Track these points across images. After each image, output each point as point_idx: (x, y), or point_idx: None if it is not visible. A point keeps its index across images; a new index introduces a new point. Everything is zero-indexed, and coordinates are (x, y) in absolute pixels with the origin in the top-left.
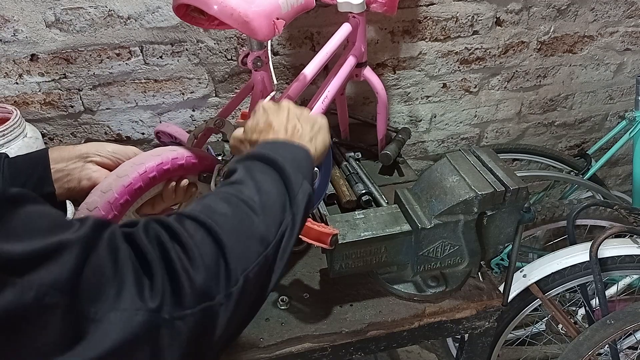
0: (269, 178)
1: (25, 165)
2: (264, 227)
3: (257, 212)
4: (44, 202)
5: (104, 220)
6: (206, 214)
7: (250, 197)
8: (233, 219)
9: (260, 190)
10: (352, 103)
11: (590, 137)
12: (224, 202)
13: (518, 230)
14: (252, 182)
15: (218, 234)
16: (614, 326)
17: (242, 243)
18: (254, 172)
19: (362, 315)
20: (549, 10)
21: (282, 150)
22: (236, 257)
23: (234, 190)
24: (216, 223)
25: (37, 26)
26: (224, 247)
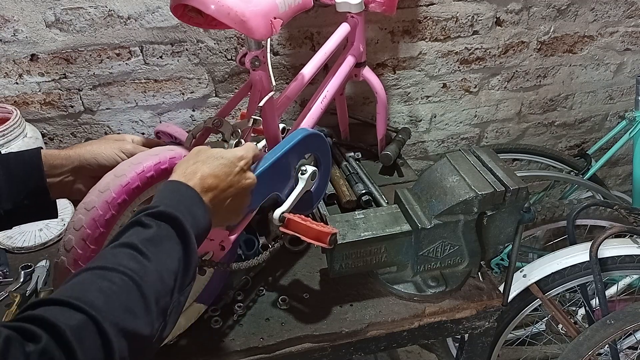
0: (173, 260)
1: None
2: (152, 325)
3: (151, 308)
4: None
5: (12, 336)
6: (107, 320)
7: (149, 289)
8: (129, 320)
9: (160, 277)
10: (351, 103)
11: (590, 137)
12: (125, 293)
13: (518, 230)
14: (157, 264)
15: (113, 347)
16: (614, 326)
17: (130, 348)
18: (163, 247)
19: (362, 315)
20: (549, 10)
21: (197, 221)
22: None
23: (136, 270)
24: (113, 334)
25: (37, 26)
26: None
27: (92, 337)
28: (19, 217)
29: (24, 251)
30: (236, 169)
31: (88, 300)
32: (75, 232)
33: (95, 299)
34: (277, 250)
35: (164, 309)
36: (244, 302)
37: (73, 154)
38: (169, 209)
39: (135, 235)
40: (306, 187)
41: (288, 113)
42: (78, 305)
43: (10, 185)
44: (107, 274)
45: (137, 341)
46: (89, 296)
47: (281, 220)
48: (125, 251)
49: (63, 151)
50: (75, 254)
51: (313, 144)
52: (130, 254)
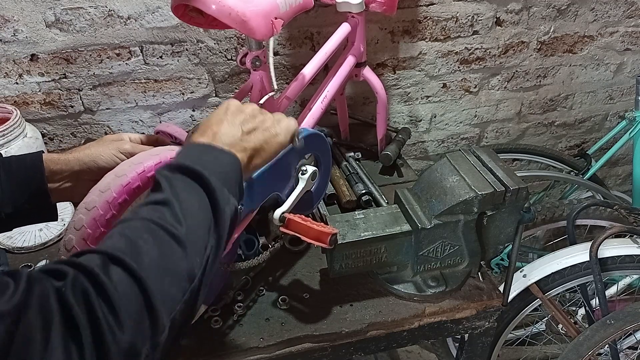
0: (194, 197)
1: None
2: (190, 261)
3: (182, 243)
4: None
5: (36, 275)
6: (132, 256)
7: (175, 226)
8: (159, 258)
9: (185, 215)
10: (352, 103)
11: (590, 137)
12: (149, 234)
13: (518, 230)
14: (177, 205)
15: (144, 281)
16: (614, 326)
17: (168, 285)
18: (178, 190)
19: (362, 315)
20: (549, 10)
21: (208, 160)
22: (162, 302)
23: (158, 216)
24: (142, 268)
25: (37, 26)
26: (150, 295)
27: (119, 274)
28: (19, 219)
29: (24, 251)
30: (226, 110)
31: (109, 245)
32: (76, 232)
33: (117, 242)
34: (277, 250)
35: (200, 243)
36: (244, 302)
37: (72, 158)
38: (172, 161)
39: (150, 195)
40: (306, 187)
41: (288, 113)
42: (100, 250)
43: (12, 189)
44: (129, 223)
45: (176, 278)
46: (110, 242)
47: (281, 221)
48: (144, 206)
49: (62, 156)
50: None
51: (314, 144)
52: (148, 206)
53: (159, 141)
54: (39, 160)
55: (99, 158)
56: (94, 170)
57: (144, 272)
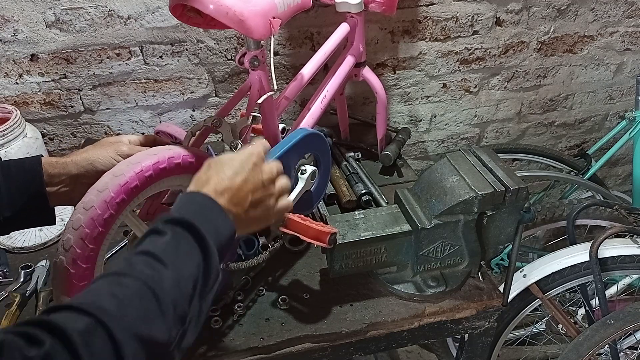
0: (191, 265)
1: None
2: (169, 332)
3: (167, 314)
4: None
5: (9, 340)
6: (119, 326)
7: (165, 294)
8: (142, 327)
9: (178, 284)
10: (351, 103)
11: (590, 137)
12: (138, 298)
13: (518, 230)
14: (174, 270)
15: (124, 353)
16: (614, 326)
17: (143, 355)
18: (180, 251)
19: (362, 315)
20: (549, 10)
21: (215, 226)
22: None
23: (152, 277)
24: (124, 339)
25: (37, 26)
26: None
27: (101, 341)
28: (17, 223)
29: (24, 251)
30: (249, 165)
31: (98, 304)
32: (73, 232)
33: (107, 304)
34: (277, 250)
35: (182, 315)
36: (244, 302)
37: (70, 162)
38: (184, 215)
39: (150, 243)
40: (306, 187)
41: (288, 113)
42: (87, 310)
43: (10, 192)
44: (121, 280)
45: (152, 347)
46: (100, 301)
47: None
48: (140, 258)
49: (61, 160)
50: (74, 253)
51: (313, 144)
52: (145, 260)
53: (157, 141)
54: (38, 164)
55: (97, 162)
56: (92, 174)
57: (126, 344)
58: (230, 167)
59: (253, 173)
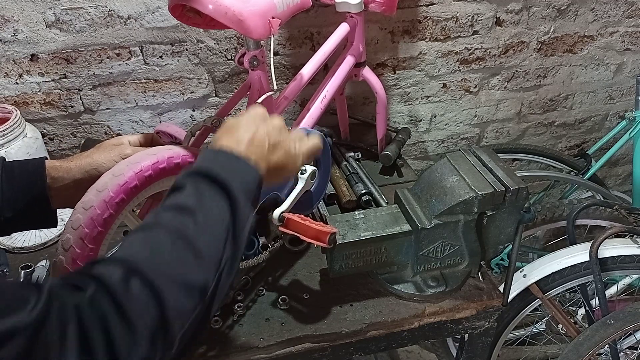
0: (218, 209)
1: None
2: (205, 275)
3: (200, 256)
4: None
5: (57, 288)
6: (153, 270)
7: (196, 239)
8: (178, 272)
9: (207, 227)
10: (351, 103)
11: (590, 137)
12: (171, 245)
13: (518, 230)
14: (201, 215)
15: (162, 296)
16: (614, 326)
17: (183, 299)
18: (204, 198)
19: (362, 315)
20: (549, 10)
21: (236, 171)
22: (176, 317)
23: (181, 224)
24: (162, 282)
25: (37, 26)
26: (166, 310)
27: (138, 287)
28: (18, 224)
29: (24, 251)
30: (257, 119)
31: (132, 254)
32: (73, 231)
33: (140, 253)
34: (277, 250)
35: (216, 258)
36: (244, 302)
37: (74, 166)
38: (200, 165)
39: (173, 198)
40: (306, 187)
41: (288, 113)
42: (122, 260)
43: (13, 194)
44: (151, 231)
45: (190, 290)
46: (133, 251)
47: (280, 220)
48: (166, 211)
49: (64, 163)
50: (74, 253)
51: None
52: (171, 212)
53: (155, 140)
54: (41, 167)
55: (101, 166)
56: (96, 178)
57: (164, 288)
58: (239, 123)
59: (263, 123)
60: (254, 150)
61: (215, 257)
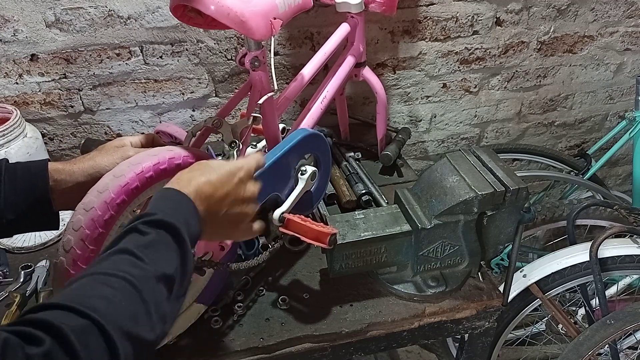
0: (172, 266)
1: (25, 181)
2: (155, 331)
3: (151, 313)
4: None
5: (11, 341)
6: (110, 324)
7: (150, 295)
8: (132, 327)
9: (161, 285)
10: (352, 103)
11: (590, 137)
12: (127, 299)
13: (518, 230)
14: (155, 271)
15: (117, 352)
16: (614, 326)
17: (134, 353)
18: (162, 253)
19: (362, 315)
20: (549, 10)
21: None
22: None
23: (137, 276)
24: (117, 338)
25: (37, 26)
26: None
27: (97, 340)
28: (20, 226)
29: (24, 251)
30: (235, 179)
31: (91, 304)
32: (74, 233)
33: (98, 304)
34: (277, 250)
35: (163, 315)
36: (244, 302)
37: (77, 169)
38: (166, 216)
39: (132, 241)
40: (306, 187)
41: (288, 113)
42: (81, 310)
43: (15, 196)
44: (108, 279)
45: (141, 346)
46: (91, 301)
47: (281, 221)
48: (124, 257)
49: (67, 166)
50: (74, 254)
51: (313, 144)
52: (129, 259)
53: (155, 141)
54: (44, 169)
55: (104, 169)
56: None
57: (119, 343)
58: (216, 174)
59: (236, 188)
60: (210, 214)
61: (162, 314)
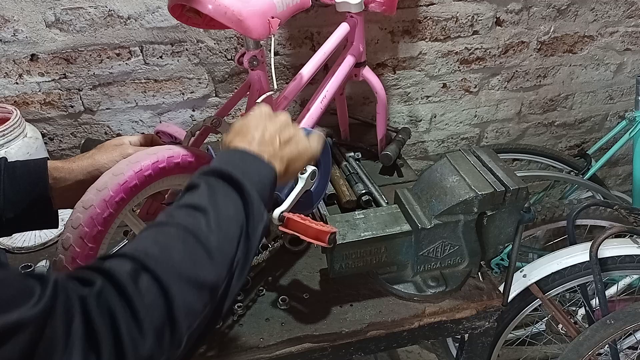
0: (231, 209)
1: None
2: (216, 274)
3: (212, 255)
4: (3, 267)
5: (63, 280)
6: (163, 267)
7: (208, 237)
8: (188, 270)
9: (220, 226)
10: (352, 103)
11: (590, 137)
12: (183, 243)
13: (518, 230)
14: (214, 213)
15: (172, 294)
16: (614, 326)
17: (192, 298)
18: (217, 197)
19: (362, 315)
20: (549, 10)
21: (250, 170)
22: (184, 314)
23: (193, 223)
24: (171, 280)
25: (37, 26)
26: (175, 308)
27: (147, 283)
28: (19, 225)
29: (24, 251)
30: (264, 117)
31: (142, 250)
32: (73, 230)
33: (150, 249)
34: (276, 250)
35: (228, 257)
36: (243, 302)
37: (76, 167)
38: (215, 164)
39: (187, 196)
40: (306, 187)
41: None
42: (132, 255)
43: (14, 194)
44: (163, 228)
45: (200, 289)
46: (143, 247)
47: (280, 220)
48: (180, 209)
49: (67, 164)
50: (73, 252)
51: None
52: (185, 210)
53: (154, 141)
54: (44, 168)
55: (103, 167)
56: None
57: (173, 285)
58: (248, 123)
59: (271, 121)
60: (266, 148)
61: (227, 257)
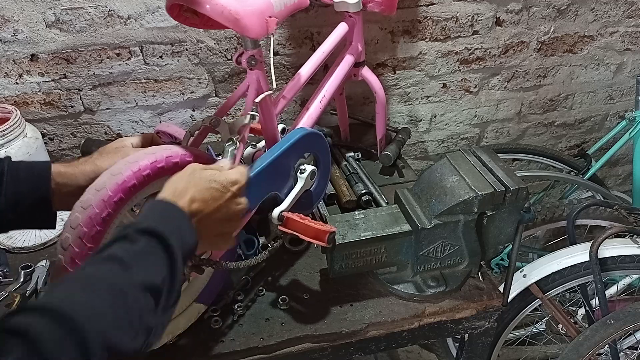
0: (160, 277)
1: (28, 182)
2: (135, 343)
3: (135, 325)
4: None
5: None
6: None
7: (137, 305)
8: (113, 336)
9: (148, 295)
10: (351, 103)
11: (590, 137)
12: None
13: (518, 230)
14: (143, 281)
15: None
16: (614, 326)
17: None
18: (150, 263)
19: (362, 315)
20: (549, 10)
21: (183, 242)
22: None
23: (125, 286)
24: (94, 351)
25: (37, 26)
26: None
27: (73, 350)
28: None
29: (24, 251)
30: (228, 194)
31: (73, 309)
32: (72, 231)
33: (81, 310)
34: (276, 250)
35: (148, 326)
36: (243, 302)
37: (78, 172)
38: (157, 225)
39: (121, 248)
40: (305, 186)
41: (288, 113)
42: (62, 315)
43: (16, 195)
44: (94, 285)
45: (119, 356)
46: (74, 306)
47: (280, 219)
48: (111, 264)
49: (69, 169)
50: (73, 252)
51: (312, 143)
52: (116, 267)
53: (154, 141)
54: (47, 172)
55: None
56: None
57: (97, 353)
58: (211, 189)
59: (228, 203)
60: (205, 228)
61: (147, 325)
